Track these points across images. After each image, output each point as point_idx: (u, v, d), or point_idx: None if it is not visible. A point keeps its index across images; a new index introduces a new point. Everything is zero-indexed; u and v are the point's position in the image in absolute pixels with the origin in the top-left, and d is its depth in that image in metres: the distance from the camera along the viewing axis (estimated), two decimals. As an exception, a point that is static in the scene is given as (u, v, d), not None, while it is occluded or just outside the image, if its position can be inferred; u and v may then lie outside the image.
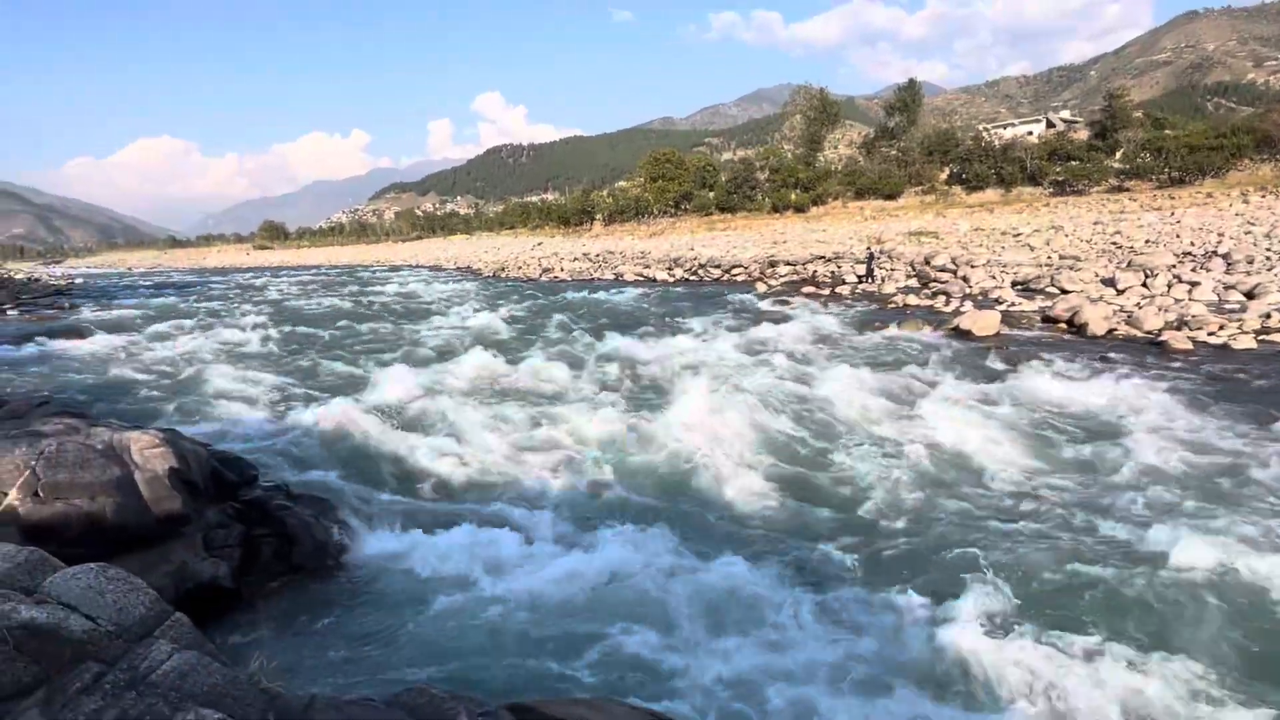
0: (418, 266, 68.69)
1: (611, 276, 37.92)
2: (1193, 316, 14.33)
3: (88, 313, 26.05)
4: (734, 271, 33.06)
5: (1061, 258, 24.29)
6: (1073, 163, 52.66)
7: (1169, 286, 17.35)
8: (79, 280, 58.35)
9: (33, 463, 5.16)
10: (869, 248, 29.15)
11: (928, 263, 25.96)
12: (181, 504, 5.64)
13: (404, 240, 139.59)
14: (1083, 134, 62.81)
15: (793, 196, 65.58)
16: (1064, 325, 15.35)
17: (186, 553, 5.43)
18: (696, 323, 19.10)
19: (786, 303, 22.58)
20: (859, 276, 26.57)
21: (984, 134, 64.77)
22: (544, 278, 40.79)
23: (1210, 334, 13.20)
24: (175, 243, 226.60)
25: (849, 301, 21.91)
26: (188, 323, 21.81)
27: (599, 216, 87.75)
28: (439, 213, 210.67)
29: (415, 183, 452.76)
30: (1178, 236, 25.72)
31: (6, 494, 4.94)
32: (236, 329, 19.69)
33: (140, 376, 13.46)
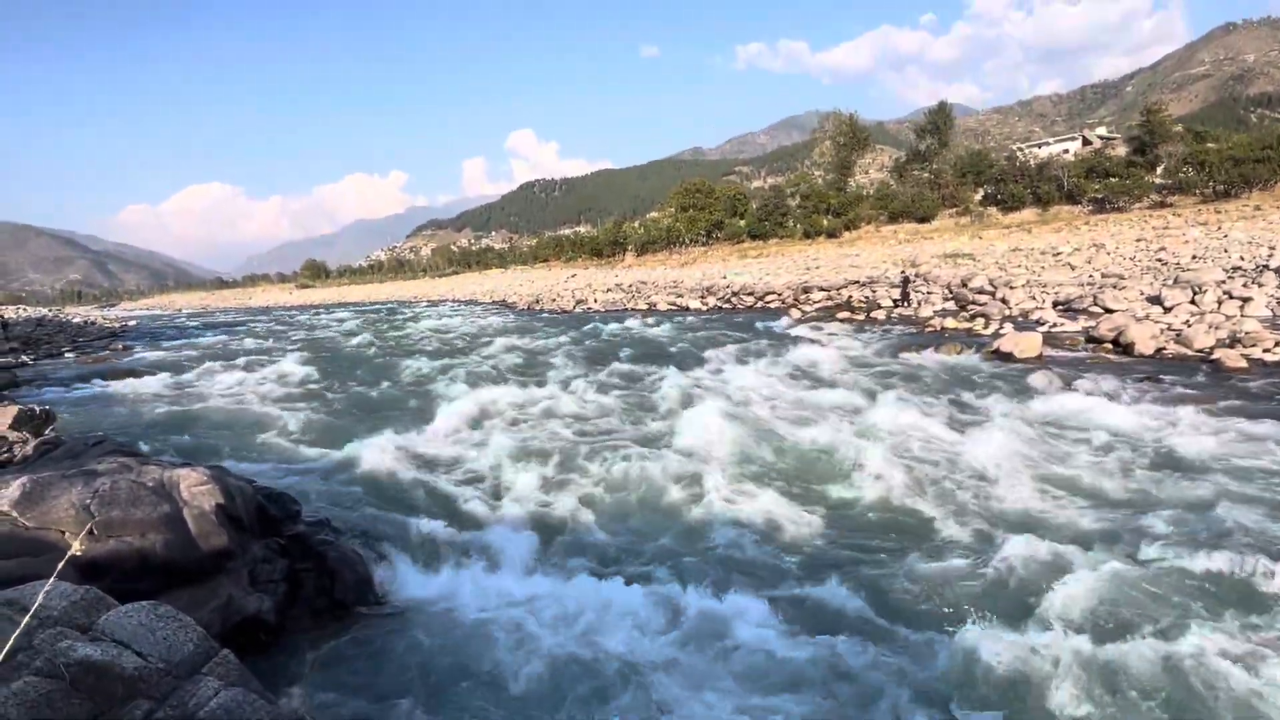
0: (454, 301, 69.92)
1: (644, 306, 38.11)
2: (1246, 333, 13.83)
3: (140, 353, 26.98)
4: (767, 298, 32.98)
5: (1104, 276, 23.74)
6: (1112, 179, 51.69)
7: (1219, 303, 16.81)
8: (132, 322, 60.60)
9: (88, 501, 5.33)
10: (904, 271, 28.86)
11: (965, 285, 25.60)
12: (227, 539, 5.76)
13: (441, 276, 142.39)
14: (1121, 150, 61.78)
15: (824, 222, 65.52)
16: (1109, 345, 14.94)
17: (232, 587, 5.52)
18: (730, 350, 19.03)
19: (821, 328, 22.41)
20: (894, 300, 26.30)
21: (1018, 153, 64.22)
22: (578, 309, 41.16)
23: (1266, 350, 12.72)
24: (222, 283, 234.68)
25: (885, 326, 21.66)
26: (233, 361, 22.44)
27: (631, 247, 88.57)
28: (474, 248, 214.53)
29: (451, 219, 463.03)
30: (1226, 251, 24.98)
31: (64, 532, 5.10)
32: (279, 366, 20.16)
33: (189, 414, 13.85)
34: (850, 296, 28.99)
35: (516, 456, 9.60)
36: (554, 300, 47.80)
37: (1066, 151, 71.81)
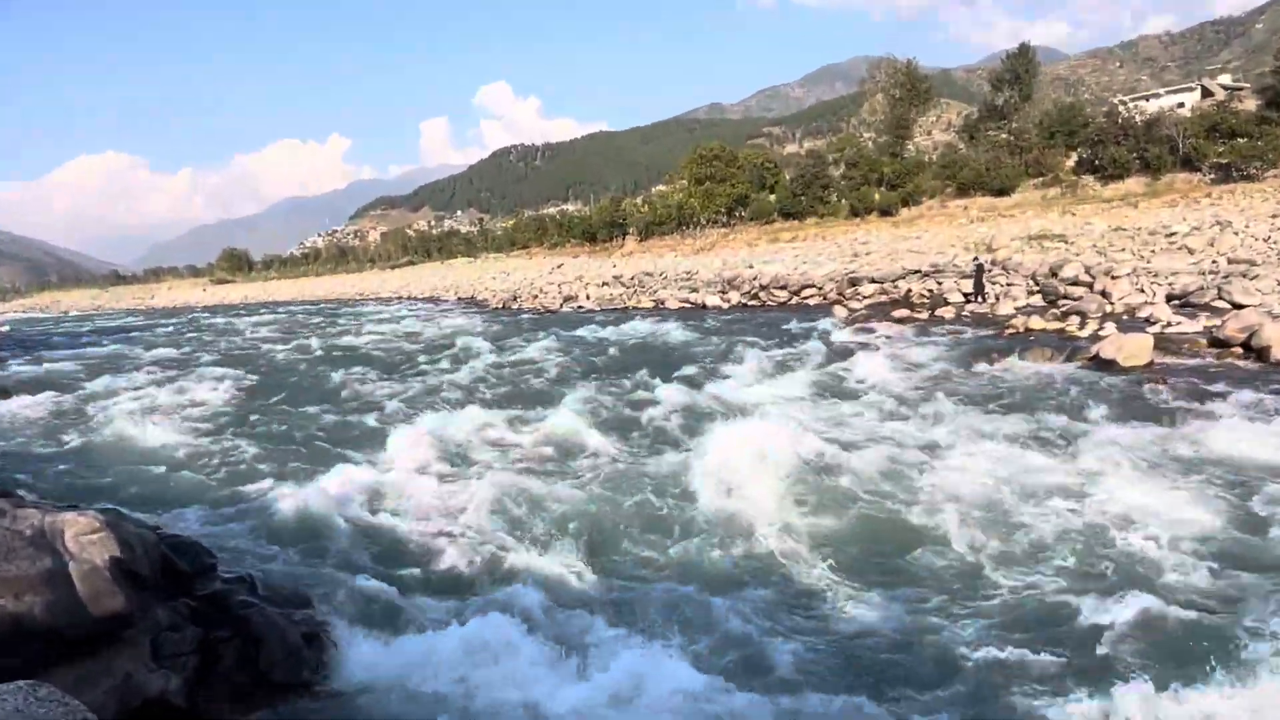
0: (410, 299, 70.19)
1: (650, 304, 38.20)
2: None
3: (13, 367, 27.11)
4: (804, 293, 33.03)
5: (1231, 262, 23.74)
6: (1239, 140, 51.70)
7: (1378, 295, 16.80)
8: (4, 328, 60.96)
9: (-50, 554, 5.35)
10: (976, 257, 28.88)
11: (1054, 274, 25.62)
12: (125, 601, 5.77)
13: (393, 266, 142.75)
14: (1250, 103, 61.76)
15: (876, 196, 65.59)
16: (1239, 349, 14.93)
17: (131, 662, 5.53)
18: (758, 359, 19.06)
19: (873, 330, 22.47)
20: (965, 294, 26.30)
21: (1120, 108, 64.27)
22: (565, 308, 41.29)
23: None
24: (119, 278, 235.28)
25: (954, 326, 21.68)
26: (132, 377, 22.53)
27: (632, 230, 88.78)
28: (435, 231, 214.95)
29: (405, 196, 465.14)
30: (1386, 230, 24.97)
31: (-81, 593, 5.13)
32: (190, 384, 20.24)
33: (76, 445, 13.90)
34: (909, 290, 28.99)
35: (486, 501, 9.59)
36: (536, 297, 47.94)
37: (1181, 105, 71.79)
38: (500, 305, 47.99)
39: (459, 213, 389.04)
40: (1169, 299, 20.40)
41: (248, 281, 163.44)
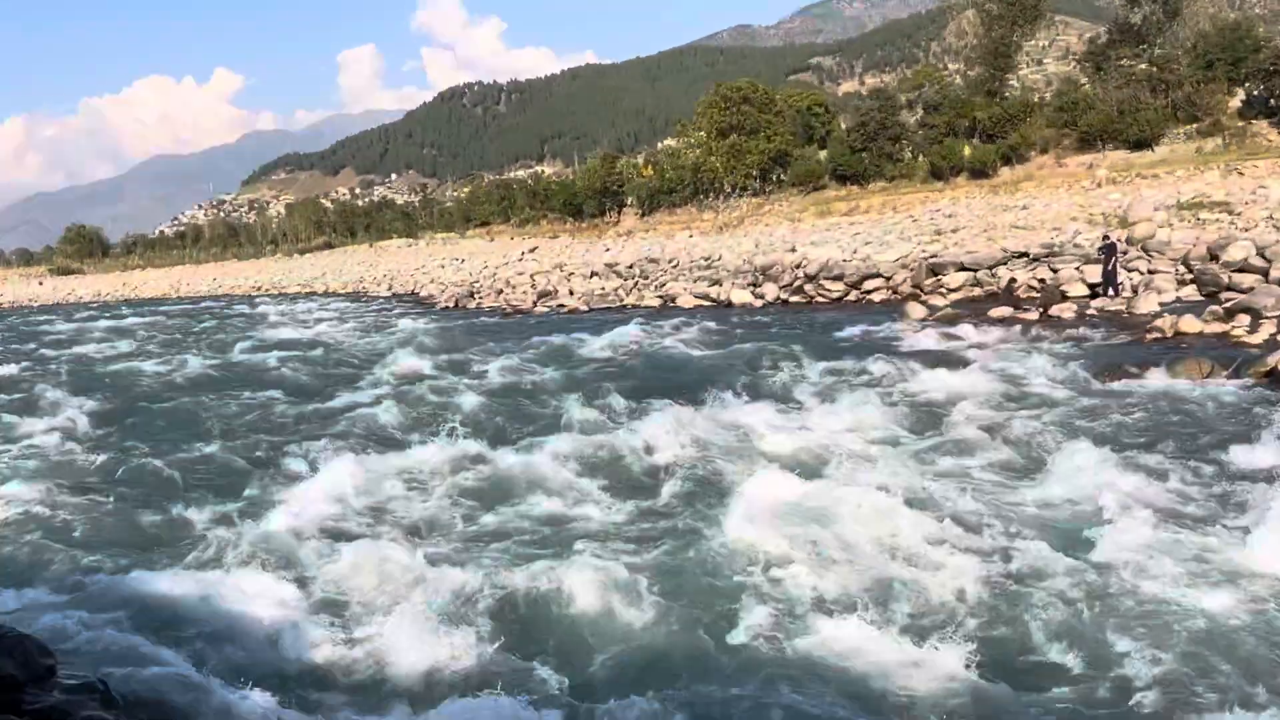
0: (327, 294, 70.26)
1: (655, 301, 38.24)
2: None
3: None
4: (867, 286, 33.05)
5: None
6: None
7: None
8: None
9: None
10: (1107, 235, 28.89)
11: (1214, 257, 25.61)
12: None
13: (303, 251, 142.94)
14: None
15: (966, 151, 65.79)
16: None
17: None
18: (804, 376, 19.02)
19: (961, 337, 22.48)
20: (1091, 286, 26.25)
21: (1303, 28, 64.37)
22: (540, 307, 41.32)
23: None
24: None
25: (1075, 330, 21.67)
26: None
27: (632, 200, 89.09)
28: (362, 203, 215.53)
29: (320, 154, 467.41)
30: None
31: None
32: (21, 420, 20.17)
33: None
34: (1013, 280, 28.94)
35: (421, 584, 9.57)
36: (500, 292, 47.98)
37: (1387, 23, 72.10)
38: (452, 303, 48.06)
39: (394, 177, 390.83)
40: (1374, 291, 20.37)
41: (103, 271, 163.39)
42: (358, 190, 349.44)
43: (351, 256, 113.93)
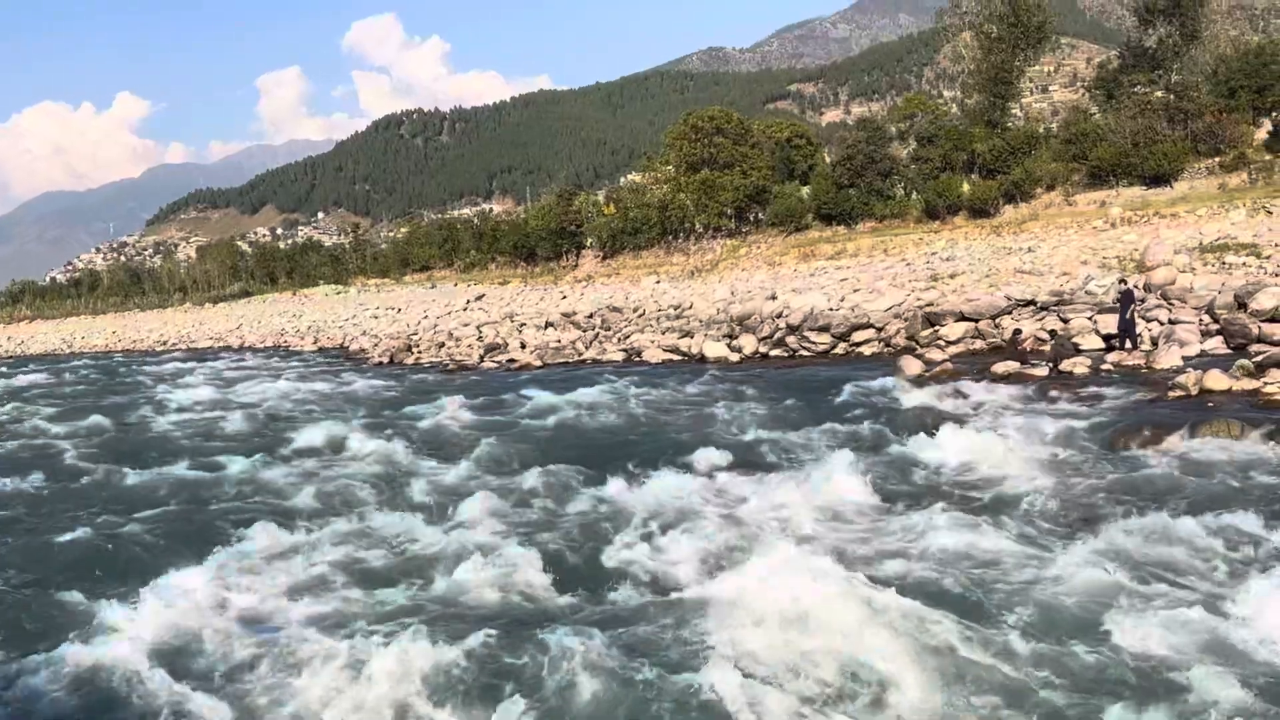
0: (244, 349, 69.80)
1: (619, 355, 38.15)
2: None
3: None
4: (856, 338, 33.13)
5: None
6: None
7: None
8: None
9: None
10: (1123, 279, 29.13)
11: (1242, 305, 25.85)
12: None
13: (217, 299, 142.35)
14: None
15: (965, 188, 66.45)
16: None
17: None
18: (785, 443, 18.94)
19: (962, 394, 22.48)
20: (1106, 338, 26.38)
21: (1335, 50, 65.64)
22: (488, 363, 41.16)
23: None
24: None
25: (1089, 388, 21.70)
26: None
27: (592, 242, 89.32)
28: (284, 245, 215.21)
29: (237, 190, 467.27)
30: None
31: None
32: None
33: None
34: (1018, 332, 29.00)
35: (329, 658, 9.54)
36: (442, 346, 47.78)
37: None
38: (386, 359, 47.79)
39: (321, 215, 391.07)
40: None
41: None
42: (280, 231, 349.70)
43: (272, 306, 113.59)
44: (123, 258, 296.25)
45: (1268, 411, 17.50)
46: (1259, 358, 21.27)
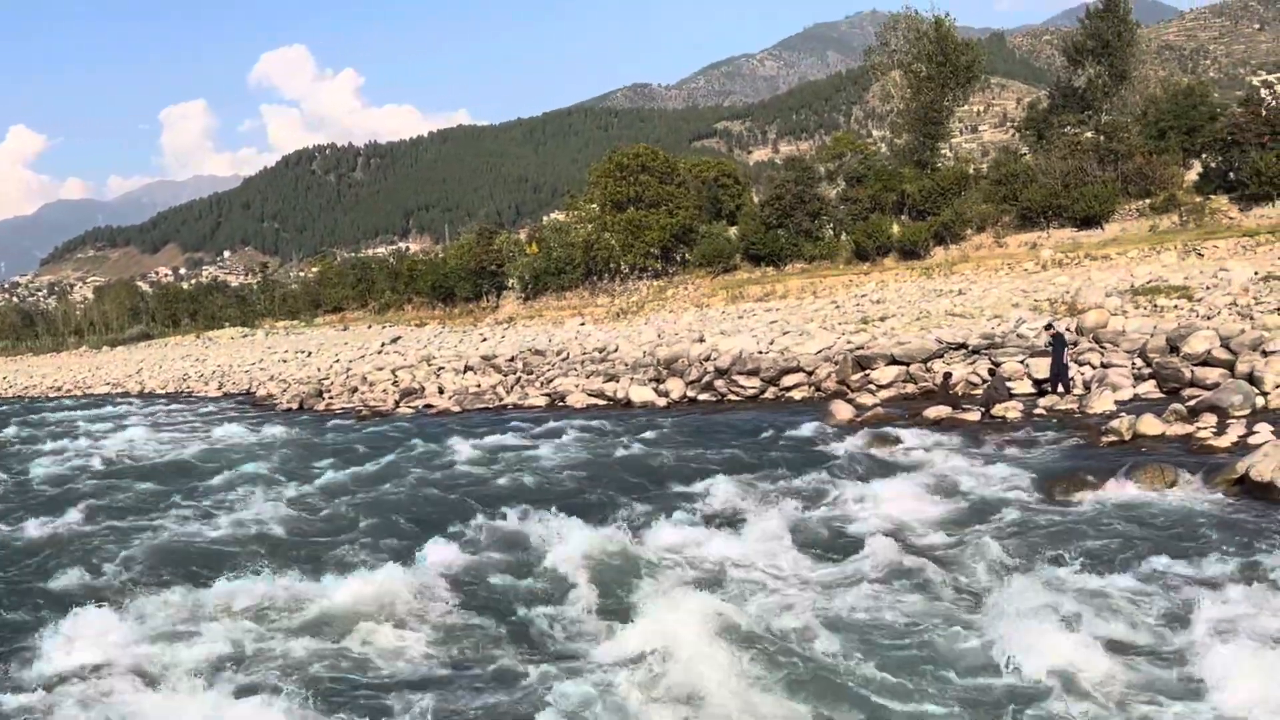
0: (144, 395, 68.66)
1: (541, 400, 38.01)
2: None
3: None
4: (786, 382, 33.26)
5: None
6: None
7: None
8: None
9: None
10: (1051, 324, 29.55)
11: (1174, 350, 26.29)
12: None
13: (114, 343, 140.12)
14: None
15: (894, 229, 67.16)
16: None
17: None
18: (711, 492, 18.95)
19: (893, 440, 22.64)
20: (1038, 382, 26.70)
21: (1264, 91, 67.31)
22: (404, 409, 40.83)
23: None
24: None
25: (1021, 433, 21.99)
26: None
27: (514, 282, 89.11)
28: (188, 285, 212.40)
29: (137, 228, 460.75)
30: None
31: None
32: None
33: None
34: (949, 375, 29.29)
35: None
36: (355, 391, 47.29)
37: (1351, 88, 75.74)
38: (295, 405, 47.21)
39: (227, 255, 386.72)
40: (1350, 387, 21.02)
41: None
42: (183, 271, 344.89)
43: (174, 350, 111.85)
44: (15, 298, 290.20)
45: (1201, 456, 17.86)
46: (1192, 402, 21.71)
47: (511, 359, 49.63)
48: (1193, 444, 18.94)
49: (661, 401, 34.72)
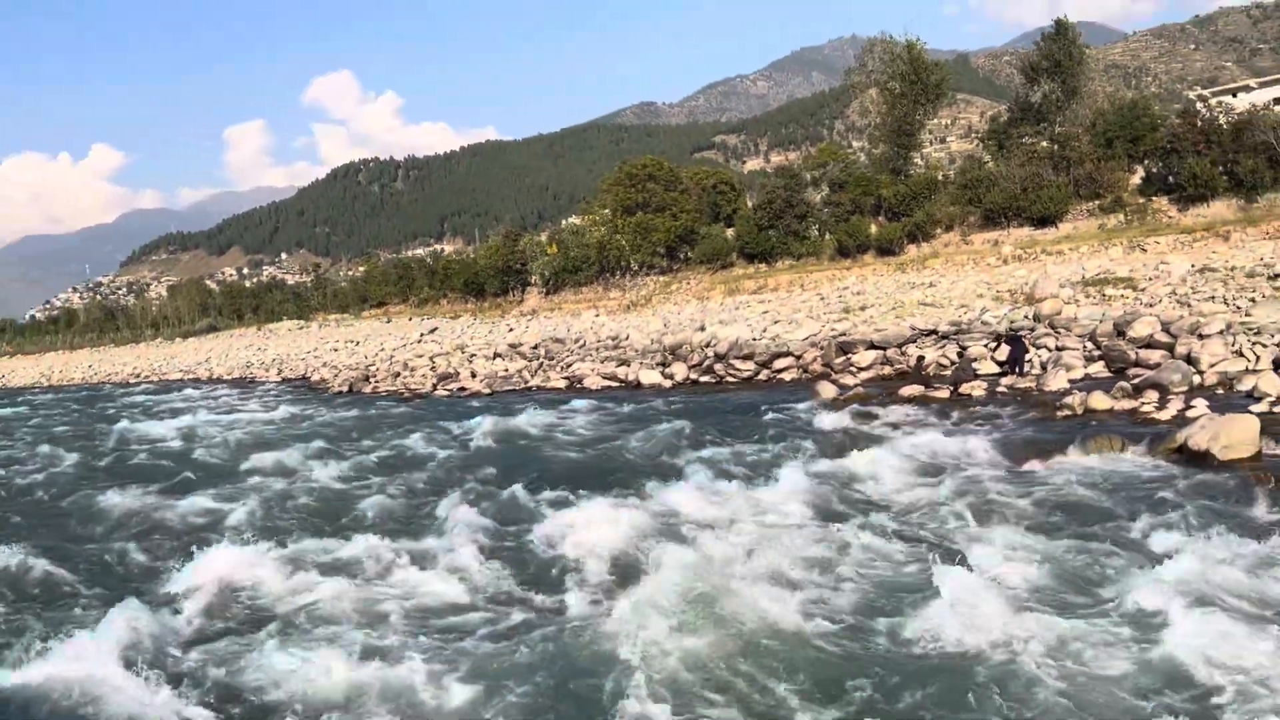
0: (212, 380, 68.88)
1: (561, 383, 38.06)
2: None
3: None
4: (777, 365, 33.28)
5: (1356, 313, 24.66)
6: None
7: None
8: None
9: None
10: (1013, 324, 29.57)
11: (1121, 333, 26.31)
12: None
13: (186, 335, 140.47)
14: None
15: (872, 229, 67.12)
16: (1374, 435, 15.39)
17: None
18: (714, 462, 18.98)
19: (873, 415, 22.69)
20: (1000, 364, 26.74)
21: (1200, 105, 67.15)
22: (440, 391, 40.90)
23: None
24: None
25: (985, 409, 22.00)
26: None
27: (536, 279, 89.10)
28: (249, 284, 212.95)
29: (205, 234, 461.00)
30: None
31: None
32: None
33: None
34: (922, 358, 29.35)
35: (298, 672, 9.66)
36: (397, 375, 47.41)
37: (1279, 101, 75.31)
38: (345, 388, 47.34)
39: (284, 256, 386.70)
40: (1278, 365, 21.02)
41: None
42: (245, 270, 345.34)
43: (239, 340, 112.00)
44: (98, 296, 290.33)
45: (1145, 428, 17.85)
46: (1136, 380, 21.69)
47: (535, 346, 49.71)
48: (1137, 417, 18.93)
49: (667, 383, 34.73)
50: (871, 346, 31.76)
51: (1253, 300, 28.66)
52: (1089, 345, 26.66)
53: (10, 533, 17.96)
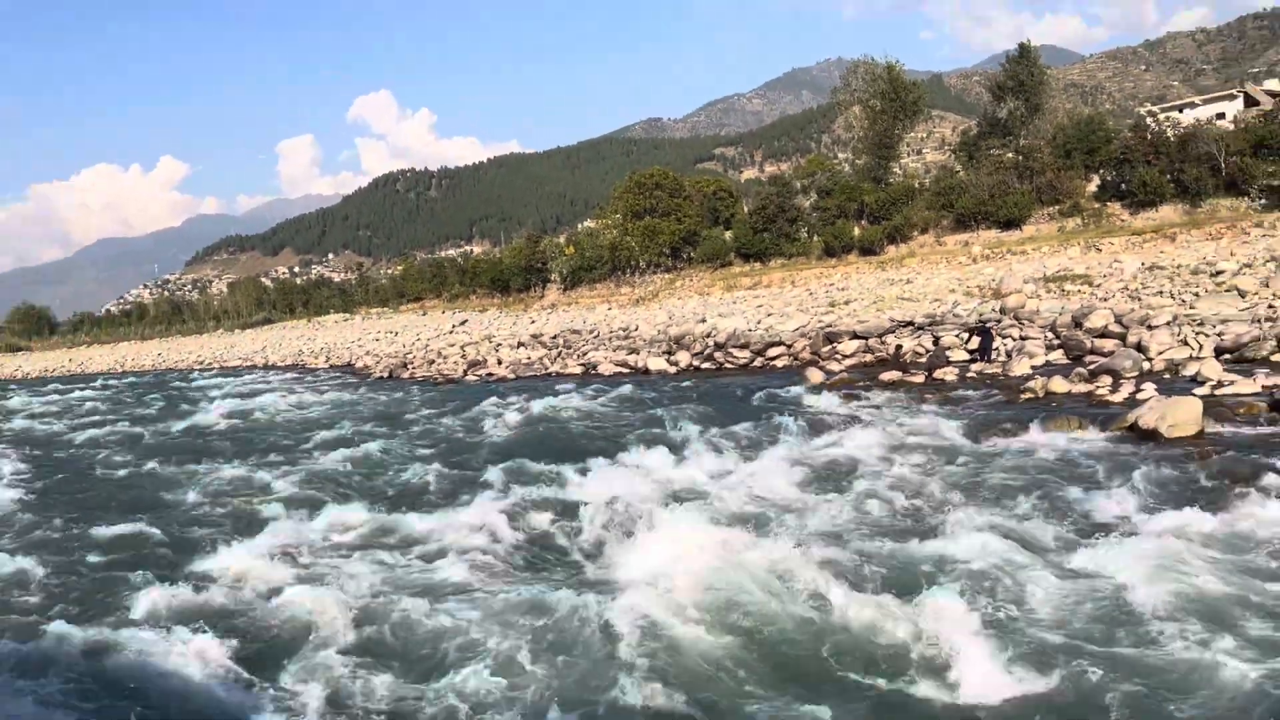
0: (267, 367, 69.10)
1: (578, 369, 38.14)
2: None
3: None
4: (771, 353, 33.35)
5: (1290, 306, 24.68)
6: (1292, 158, 54.27)
7: None
8: None
9: None
10: (982, 318, 29.60)
11: (1078, 324, 26.35)
12: None
13: (244, 326, 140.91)
14: (1302, 113, 65.08)
15: (856, 231, 67.05)
16: (1304, 415, 15.43)
17: None
18: (715, 438, 19.08)
19: (856, 397, 22.79)
20: (970, 352, 26.81)
21: (1149, 120, 67.02)
22: (470, 376, 41.01)
23: None
24: None
25: (957, 392, 22.06)
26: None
27: (555, 276, 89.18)
28: (300, 281, 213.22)
29: (260, 236, 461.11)
30: None
31: None
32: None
33: None
34: (900, 347, 29.44)
35: (348, 630, 9.66)
36: (432, 363, 47.54)
37: (1221, 116, 75.08)
38: (386, 374, 47.47)
39: (330, 256, 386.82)
40: (1219, 353, 21.05)
41: (48, 347, 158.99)
42: (296, 269, 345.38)
43: (291, 331, 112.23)
44: (166, 292, 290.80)
45: (1099, 409, 17.93)
46: (1092, 366, 21.79)
47: (554, 337, 49.83)
48: (1093, 399, 19.00)
49: (672, 369, 34.79)
50: (855, 336, 31.80)
51: (1196, 295, 28.69)
52: (1050, 335, 26.72)
53: (96, 501, 18.12)
